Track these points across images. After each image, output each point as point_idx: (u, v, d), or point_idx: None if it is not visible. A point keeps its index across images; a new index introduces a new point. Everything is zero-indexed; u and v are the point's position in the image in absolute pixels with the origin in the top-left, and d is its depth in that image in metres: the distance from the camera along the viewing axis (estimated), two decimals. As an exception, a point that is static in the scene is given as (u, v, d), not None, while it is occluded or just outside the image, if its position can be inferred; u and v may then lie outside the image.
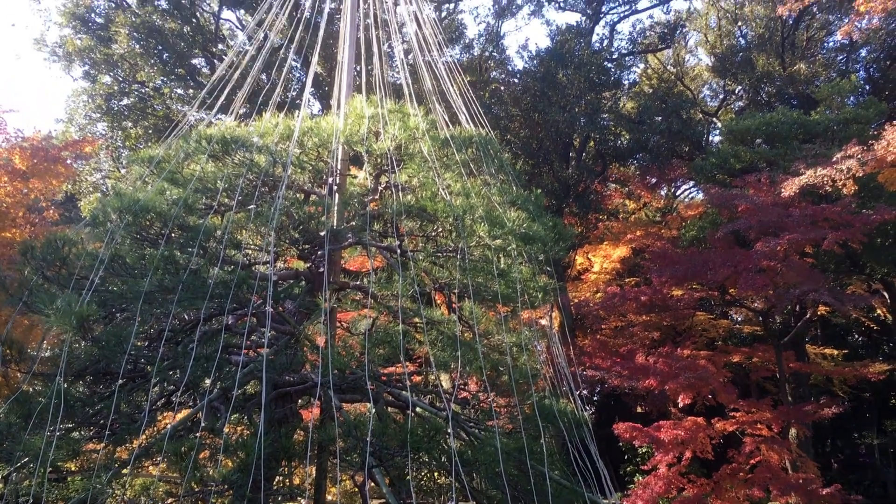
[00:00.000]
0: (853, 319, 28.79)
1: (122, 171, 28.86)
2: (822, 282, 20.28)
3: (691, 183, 32.81)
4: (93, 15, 28.01)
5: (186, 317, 10.96)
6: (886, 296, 25.18)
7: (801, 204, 19.83)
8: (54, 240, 9.72)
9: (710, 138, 33.72)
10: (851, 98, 27.24)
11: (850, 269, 24.60)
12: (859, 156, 17.15)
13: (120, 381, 9.59)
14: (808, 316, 24.19)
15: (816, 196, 20.26)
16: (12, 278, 9.90)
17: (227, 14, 31.56)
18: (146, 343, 10.62)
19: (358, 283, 12.75)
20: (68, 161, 18.54)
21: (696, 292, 24.23)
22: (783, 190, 18.59)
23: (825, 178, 17.55)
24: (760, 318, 24.74)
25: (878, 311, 27.29)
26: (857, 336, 33.05)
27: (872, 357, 28.89)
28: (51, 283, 9.64)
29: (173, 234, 10.43)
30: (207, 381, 10.10)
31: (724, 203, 21.33)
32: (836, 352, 26.98)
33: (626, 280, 29.29)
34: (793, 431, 22.79)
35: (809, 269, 20.75)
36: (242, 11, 30.35)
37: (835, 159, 17.84)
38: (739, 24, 34.54)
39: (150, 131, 28.55)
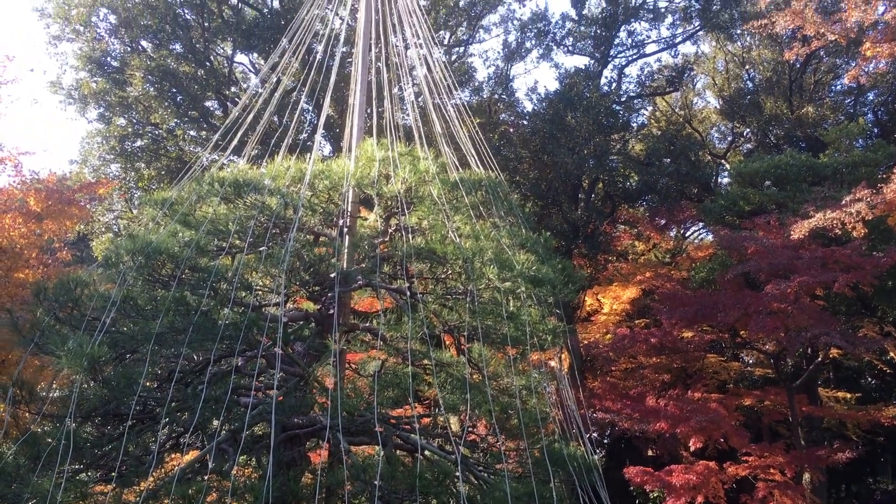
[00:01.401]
0: (866, 362, 28.52)
1: (135, 212, 29.12)
2: (833, 324, 20.16)
3: (700, 224, 32.83)
4: (109, 59, 28.51)
5: (196, 358, 11.01)
6: (899, 338, 24.97)
7: (811, 246, 19.81)
8: (67, 281, 9.82)
9: (719, 180, 33.81)
10: (860, 141, 27.34)
11: (861, 312, 24.46)
12: (868, 199, 17.17)
13: (129, 423, 9.60)
14: (819, 359, 23.99)
15: (826, 238, 20.24)
16: (24, 319, 9.99)
17: (240, 58, 32.13)
18: (156, 384, 10.65)
19: (367, 324, 12.77)
20: (82, 203, 18.75)
21: (706, 334, 24.10)
22: (793, 232, 18.58)
23: (835, 221, 17.55)
24: (772, 361, 24.56)
25: (891, 354, 27.03)
26: (870, 379, 32.73)
27: (886, 400, 28.56)
28: (62, 324, 9.72)
29: (185, 276, 10.51)
30: (216, 423, 10.11)
31: (734, 245, 21.32)
32: (849, 395, 26.70)
33: (636, 321, 29.16)
34: (806, 476, 22.49)
35: (820, 312, 20.65)
36: (255, 55, 30.84)
37: (844, 202, 17.85)
38: (747, 67, 34.82)
39: (163, 172, 28.86)
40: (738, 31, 31.94)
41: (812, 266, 19.13)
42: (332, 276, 11.18)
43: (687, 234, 35.30)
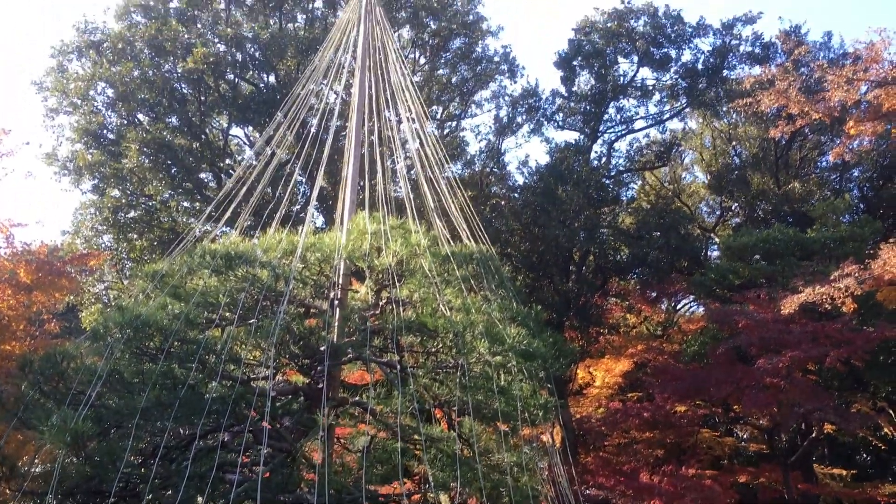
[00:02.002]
0: (860, 438, 28.26)
1: (126, 283, 28.99)
2: (826, 400, 20.07)
3: (691, 297, 32.89)
4: (105, 131, 28.79)
5: (182, 432, 10.83)
6: (893, 414, 24.83)
7: (802, 320, 19.84)
8: (53, 354, 9.74)
9: (709, 253, 34.04)
10: (846, 216, 27.67)
11: (854, 387, 24.37)
12: (857, 274, 17.29)
13: (111, 501, 9.38)
14: (814, 434, 23.79)
15: (816, 313, 20.29)
16: (9, 392, 9.87)
17: (235, 131, 32.52)
18: (140, 460, 10.45)
19: (357, 398, 12.64)
20: (73, 274, 18.71)
21: (699, 409, 23.93)
22: (783, 307, 18.64)
23: (824, 296, 17.62)
24: (766, 436, 24.35)
25: (885, 430, 26.84)
26: (865, 455, 32.36)
27: (882, 477, 28.19)
28: (47, 398, 9.60)
29: (173, 349, 10.43)
30: (201, 501, 9.89)
31: (725, 319, 21.35)
32: (844, 472, 26.36)
33: (629, 395, 28.95)
34: (804, 556, 22.04)
35: (813, 387, 20.58)
36: (251, 128, 31.23)
37: (833, 277, 17.97)
38: (733, 143, 35.45)
39: (156, 243, 28.85)
40: (725, 109, 32.62)
41: (803, 340, 19.13)
42: (322, 349, 11.12)
43: (678, 307, 35.35)
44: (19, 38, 74.14)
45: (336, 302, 12.25)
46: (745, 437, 30.85)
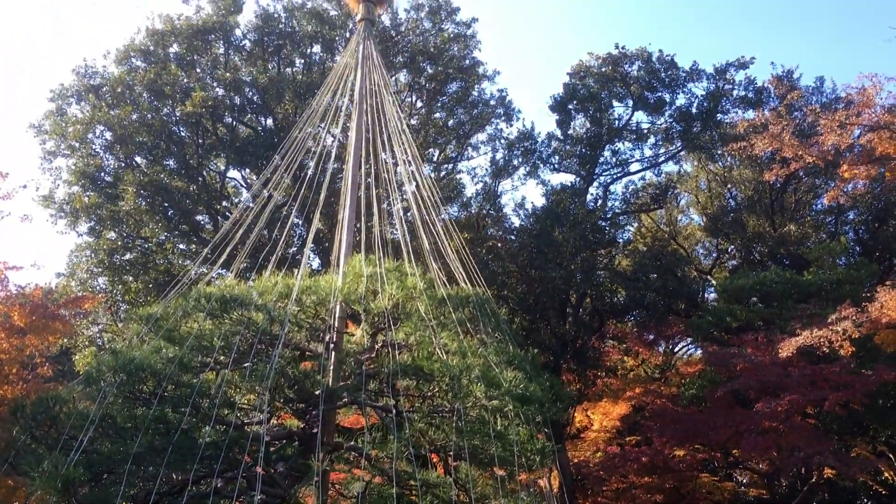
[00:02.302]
0: (861, 483, 27.96)
1: (120, 326, 28.83)
2: (826, 444, 19.90)
3: (689, 339, 32.79)
4: (102, 174, 28.88)
5: (175, 478, 10.67)
6: (893, 458, 24.60)
7: (800, 363, 19.76)
8: (46, 398, 9.64)
9: (706, 295, 34.04)
10: (842, 259, 27.75)
11: (853, 431, 24.19)
12: (854, 317, 17.25)
13: (102, 548, 9.22)
14: (814, 479, 23.52)
15: (814, 356, 20.22)
16: (0, 438, 9.74)
17: (232, 173, 32.66)
18: (131, 507, 10.28)
19: (352, 443, 12.50)
20: (67, 317, 18.62)
21: (698, 453, 23.69)
22: (781, 350, 18.58)
23: (822, 339, 17.56)
24: (766, 481, 24.11)
25: (886, 475, 26.57)
26: (865, 500, 31.98)
27: (884, 523, 27.86)
28: (38, 444, 9.47)
29: (166, 393, 10.33)
30: (192, 549, 9.71)
31: (723, 362, 21.26)
32: (845, 517, 26.05)
33: (627, 439, 28.69)
34: None
35: (812, 431, 20.41)
36: (248, 170, 31.38)
37: (830, 320, 17.93)
38: (729, 186, 35.66)
39: (151, 286, 28.76)
40: (719, 152, 32.89)
41: (802, 384, 19.04)
42: (318, 393, 11.02)
43: (676, 350, 35.21)
44: (15, 80, 74.74)
45: (332, 345, 12.18)
46: (744, 481, 30.49)
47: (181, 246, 31.02)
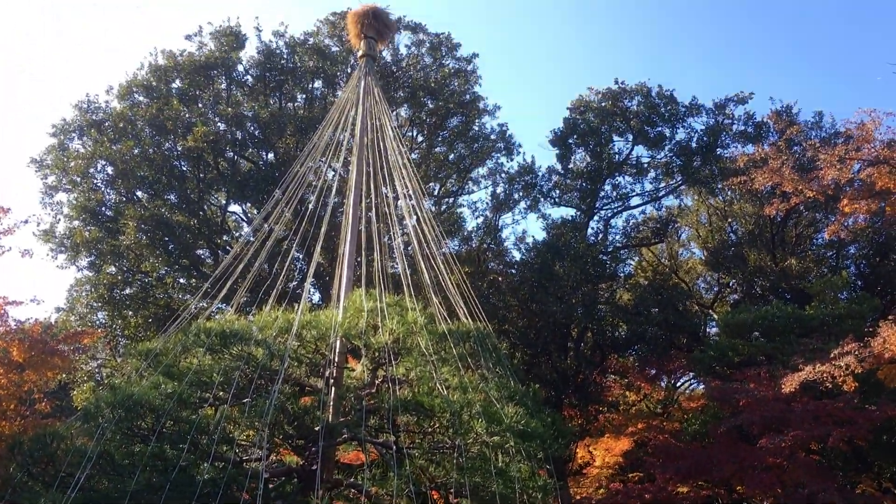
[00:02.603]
0: (866, 520, 27.62)
1: (119, 361, 28.69)
2: (830, 480, 19.66)
3: (691, 374, 32.60)
4: (103, 208, 28.93)
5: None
6: (898, 495, 24.29)
7: (803, 399, 19.60)
8: (43, 435, 9.56)
9: (708, 330, 33.87)
10: (844, 293, 27.61)
11: (858, 467, 23.92)
12: (857, 352, 17.15)
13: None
14: (819, 516, 23.22)
15: (817, 391, 20.08)
16: (-3, 475, 9.64)
17: (233, 207, 32.74)
18: (127, 546, 10.13)
19: (352, 479, 12.37)
20: (66, 352, 18.53)
21: (702, 489, 23.41)
22: (784, 385, 18.44)
23: (825, 374, 17.45)
24: (770, 518, 23.74)
25: (892, 512, 26.25)
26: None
27: (890, 562, 27.42)
28: (36, 481, 9.37)
29: (165, 429, 10.24)
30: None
31: (726, 397, 21.09)
32: (851, 556, 25.63)
33: (630, 475, 28.38)
34: None
35: (817, 467, 20.19)
36: (249, 204, 31.45)
37: (833, 355, 17.82)
38: (729, 220, 35.69)
39: (150, 320, 28.69)
40: (719, 186, 32.95)
41: (805, 419, 18.86)
42: (317, 429, 10.92)
43: (678, 385, 34.99)
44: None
45: (332, 380, 12.11)
46: (749, 518, 30.11)
47: (181, 280, 30.99)
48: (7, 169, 72.47)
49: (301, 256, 28.45)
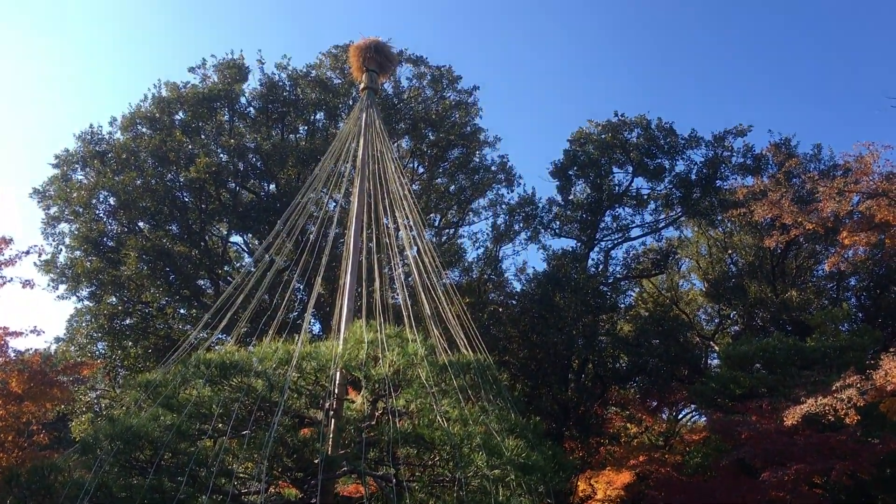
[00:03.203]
0: (871, 555, 27.29)
1: (118, 392, 28.57)
2: (834, 515, 19.47)
3: (692, 406, 32.44)
4: (105, 239, 29.02)
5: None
6: (903, 529, 24.02)
7: (805, 432, 19.46)
8: (41, 467, 9.50)
9: (709, 362, 33.77)
10: (845, 325, 27.57)
11: (860, 501, 23.66)
12: (858, 384, 17.05)
13: None
14: (823, 552, 22.94)
15: (819, 424, 19.95)
16: (-7, 508, 9.56)
17: (234, 238, 32.83)
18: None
19: (351, 514, 12.28)
20: (65, 383, 18.46)
21: (704, 524, 23.13)
22: (786, 418, 18.31)
23: (827, 408, 17.32)
24: (775, 554, 23.45)
25: (897, 547, 25.93)
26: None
27: None
28: (32, 514, 9.30)
29: (163, 461, 10.18)
30: None
31: (727, 430, 20.95)
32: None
33: (632, 509, 28.12)
34: None
35: (820, 501, 19.98)
36: (250, 235, 31.54)
37: (834, 388, 17.72)
38: (729, 252, 35.73)
39: (150, 351, 28.64)
40: (719, 218, 33.07)
41: (808, 453, 18.71)
42: (317, 461, 10.86)
43: (679, 417, 34.82)
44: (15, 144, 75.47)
45: (331, 412, 12.06)
46: (752, 553, 29.72)
47: (182, 311, 30.96)
48: (8, 198, 72.75)
49: (302, 287, 28.47)
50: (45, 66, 77.71)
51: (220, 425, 11.07)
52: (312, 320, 29.13)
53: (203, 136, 30.62)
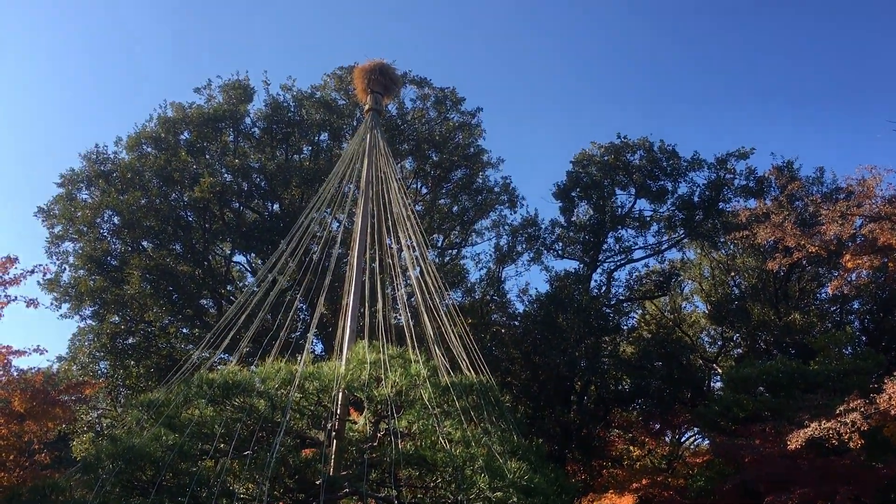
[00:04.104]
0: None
1: (120, 411, 28.49)
2: (838, 540, 19.30)
3: (695, 429, 32.27)
4: (109, 258, 29.07)
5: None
6: (907, 555, 23.82)
7: (809, 455, 19.38)
8: (42, 486, 9.49)
9: (712, 384, 33.65)
10: (848, 348, 27.49)
11: (866, 526, 23.50)
12: (862, 409, 17.01)
13: None
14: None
15: (823, 448, 19.86)
16: (-6, 527, 9.53)
17: (238, 258, 32.88)
18: None
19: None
20: (67, 403, 18.44)
21: (708, 548, 22.98)
22: (789, 442, 18.26)
23: (830, 432, 17.28)
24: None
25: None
26: None
27: None
28: (33, 534, 9.27)
29: (165, 482, 10.16)
30: None
31: (731, 454, 20.86)
32: None
33: (634, 532, 27.91)
34: None
35: (824, 526, 19.84)
36: (253, 255, 31.61)
37: (838, 412, 17.68)
38: (732, 274, 35.70)
39: (153, 370, 28.58)
40: (722, 240, 33.06)
41: (811, 477, 18.62)
42: (318, 482, 10.82)
43: (682, 440, 34.61)
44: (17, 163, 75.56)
45: (333, 433, 12.03)
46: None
47: (185, 330, 30.96)
48: (13, 217, 73.00)
49: (305, 307, 28.47)
50: (51, 85, 78.20)
51: (221, 445, 11.05)
52: (315, 341, 29.11)
53: (208, 156, 30.77)
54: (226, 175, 30.34)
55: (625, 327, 33.96)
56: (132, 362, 29.45)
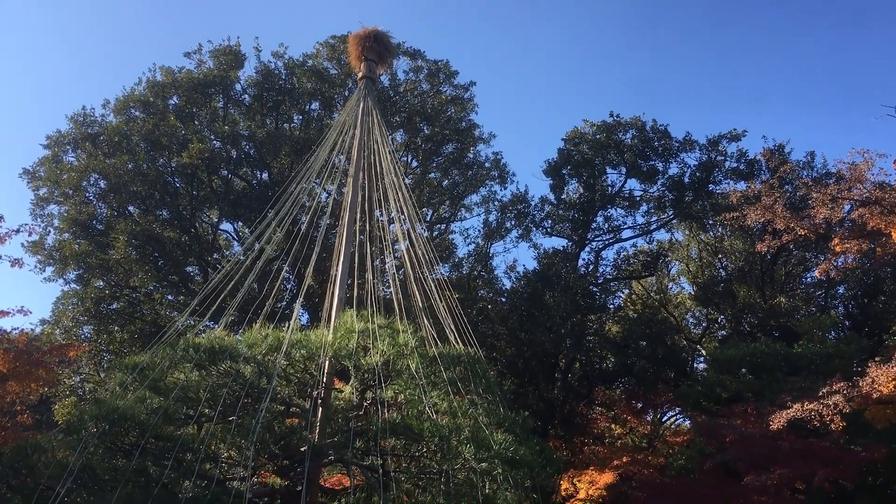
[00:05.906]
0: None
1: (103, 376, 28.36)
2: (816, 521, 19.55)
3: (677, 409, 32.46)
4: (94, 222, 28.81)
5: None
6: (882, 537, 24.14)
7: (790, 437, 19.52)
8: (24, 446, 9.41)
9: (695, 365, 33.82)
10: (832, 332, 27.68)
11: (843, 507, 23.78)
12: (845, 391, 17.13)
13: None
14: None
15: (804, 429, 20.02)
16: (-26, 485, 9.45)
17: (225, 225, 32.63)
18: (106, 563, 9.93)
19: (336, 503, 12.21)
20: (50, 365, 18.30)
21: (686, 525, 23.17)
22: (771, 423, 18.37)
23: (812, 413, 17.40)
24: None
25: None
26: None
27: None
28: (15, 493, 9.19)
29: (149, 445, 10.09)
30: None
31: (712, 433, 21.00)
32: None
33: (613, 509, 28.14)
34: None
35: (802, 506, 20.08)
36: (241, 223, 31.38)
37: (820, 394, 17.80)
38: (719, 256, 35.79)
39: (136, 336, 28.42)
40: (711, 222, 33.10)
41: (792, 458, 18.77)
42: (303, 449, 10.79)
43: (664, 419, 34.84)
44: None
45: (319, 401, 11.98)
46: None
47: (170, 297, 30.78)
48: (-2, 180, 72.19)
49: (291, 277, 28.34)
50: (40, 47, 77.15)
51: (206, 410, 10.99)
52: (301, 311, 28.99)
53: (197, 122, 30.43)
54: (215, 142, 30.04)
55: (611, 306, 33.99)
56: (116, 328, 29.28)
